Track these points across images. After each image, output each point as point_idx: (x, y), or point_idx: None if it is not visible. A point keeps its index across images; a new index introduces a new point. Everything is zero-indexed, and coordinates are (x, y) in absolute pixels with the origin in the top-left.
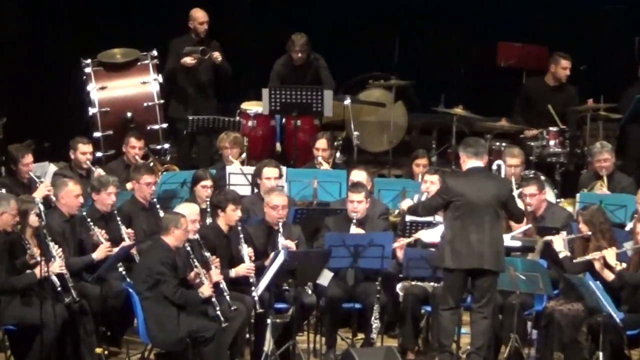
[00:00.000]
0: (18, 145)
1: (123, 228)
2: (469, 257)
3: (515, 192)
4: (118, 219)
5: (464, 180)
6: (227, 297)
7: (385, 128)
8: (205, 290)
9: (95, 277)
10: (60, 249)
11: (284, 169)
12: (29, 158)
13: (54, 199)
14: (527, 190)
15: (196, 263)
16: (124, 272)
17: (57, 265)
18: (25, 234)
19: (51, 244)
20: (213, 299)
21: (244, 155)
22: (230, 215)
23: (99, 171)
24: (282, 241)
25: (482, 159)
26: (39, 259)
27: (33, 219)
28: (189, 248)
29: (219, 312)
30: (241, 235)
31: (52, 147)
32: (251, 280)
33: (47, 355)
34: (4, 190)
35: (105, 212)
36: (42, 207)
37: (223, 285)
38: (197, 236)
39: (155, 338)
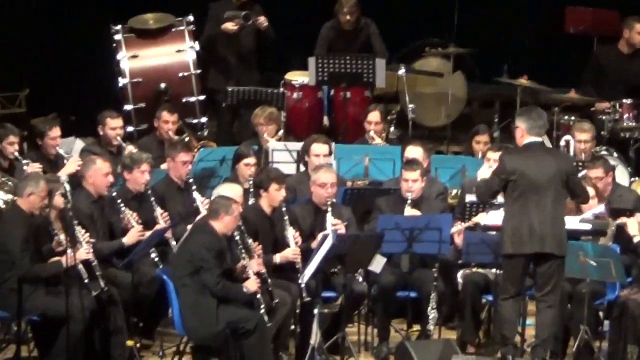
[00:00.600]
0: (44, 118)
1: (157, 210)
2: (529, 241)
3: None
4: (152, 199)
5: (522, 156)
6: (270, 289)
7: (442, 100)
8: (251, 285)
9: (126, 263)
10: (87, 234)
11: (332, 145)
12: (56, 131)
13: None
14: (593, 173)
15: (244, 254)
16: (156, 259)
17: (84, 251)
18: (50, 216)
19: (77, 228)
20: (258, 296)
21: (280, 133)
22: (274, 196)
23: (130, 148)
24: (330, 222)
25: (542, 134)
26: (65, 246)
27: (58, 200)
28: (238, 237)
29: (263, 311)
30: (285, 217)
31: (78, 121)
32: (297, 266)
33: (73, 348)
34: (27, 168)
35: (138, 192)
36: (67, 187)
37: (265, 275)
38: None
39: (192, 330)
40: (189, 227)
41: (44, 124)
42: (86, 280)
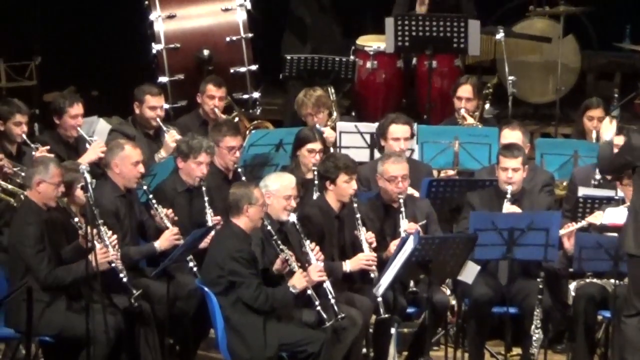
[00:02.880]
0: (60, 92)
1: (209, 211)
2: None
3: None
4: (205, 198)
5: None
6: (333, 303)
7: (550, 71)
8: (298, 282)
9: (160, 272)
10: (115, 236)
11: (414, 126)
12: (78, 108)
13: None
14: None
15: (281, 246)
16: (195, 268)
17: (108, 258)
18: (71, 208)
19: (103, 229)
20: (309, 292)
21: (334, 116)
22: (342, 189)
23: (172, 132)
24: (403, 227)
25: None
26: (92, 243)
27: (80, 194)
28: (269, 227)
29: (319, 308)
30: (358, 215)
31: (101, 97)
32: (372, 275)
33: None
34: (36, 154)
35: (190, 185)
36: (88, 177)
37: (328, 286)
38: (293, 218)
39: (237, 356)
40: None
41: (63, 98)
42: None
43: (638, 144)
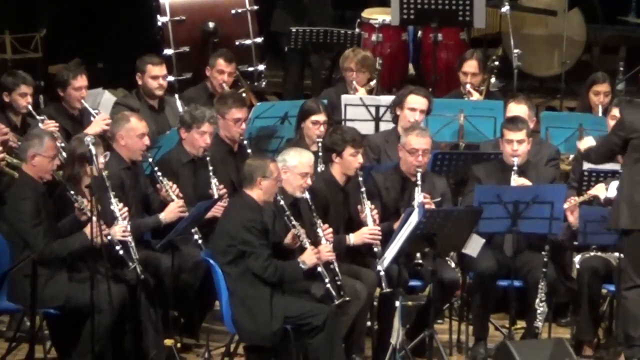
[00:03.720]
0: (65, 64)
1: (214, 181)
2: None
3: None
4: (210, 168)
5: None
6: (339, 283)
7: (556, 44)
8: (308, 258)
9: (165, 244)
10: (126, 208)
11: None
12: (82, 81)
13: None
14: None
15: (294, 222)
16: (200, 241)
17: (120, 230)
18: (81, 184)
19: (114, 201)
20: (320, 269)
21: (373, 83)
22: (348, 162)
23: (179, 104)
24: (419, 198)
25: None
26: (89, 213)
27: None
28: (282, 202)
29: (329, 286)
30: (363, 189)
31: (106, 69)
32: (375, 249)
33: (99, 348)
34: (42, 126)
35: (194, 156)
36: (93, 150)
37: (335, 266)
38: (307, 194)
39: (242, 328)
40: None
41: (67, 70)
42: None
43: (629, 118)
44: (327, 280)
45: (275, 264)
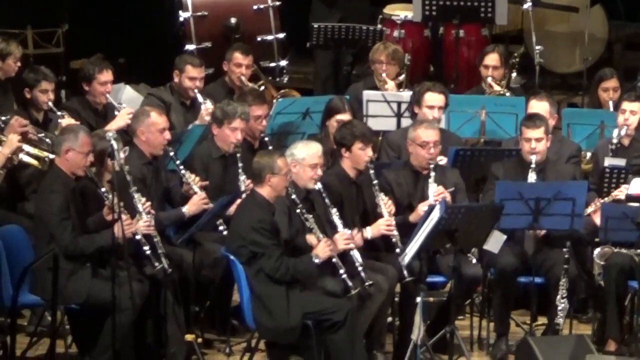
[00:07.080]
0: (91, 59)
1: (242, 177)
2: None
3: None
4: (240, 164)
5: None
6: (361, 270)
7: (578, 41)
8: (321, 251)
9: (186, 239)
10: (149, 203)
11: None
12: (107, 75)
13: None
14: None
15: (306, 215)
16: (225, 232)
17: (144, 224)
18: (102, 180)
19: (137, 195)
20: (334, 260)
21: (402, 77)
22: (358, 156)
23: (208, 105)
24: (432, 190)
25: None
26: (122, 214)
27: (110, 162)
28: (294, 196)
29: (345, 277)
30: (375, 182)
31: (128, 63)
32: (394, 240)
33: (121, 344)
34: (63, 121)
35: (225, 152)
36: (115, 145)
37: (355, 253)
38: (319, 186)
39: (261, 325)
40: None
41: (92, 65)
42: (158, 264)
43: None
44: (342, 271)
45: (286, 263)
